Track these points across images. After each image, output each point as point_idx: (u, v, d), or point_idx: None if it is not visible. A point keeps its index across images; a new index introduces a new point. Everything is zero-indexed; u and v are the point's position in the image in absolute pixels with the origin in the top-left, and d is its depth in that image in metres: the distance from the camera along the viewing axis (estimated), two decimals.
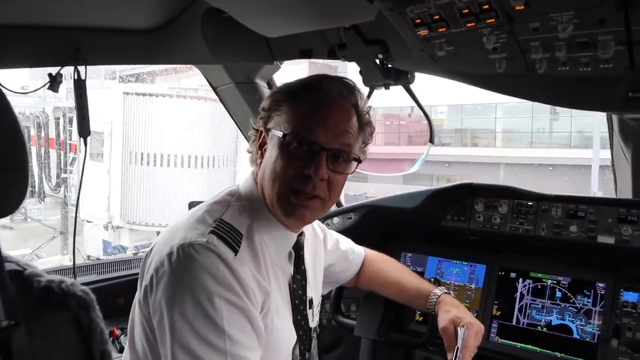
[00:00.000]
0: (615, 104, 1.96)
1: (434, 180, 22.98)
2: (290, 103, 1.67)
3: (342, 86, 1.71)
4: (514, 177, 21.81)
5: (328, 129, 1.62)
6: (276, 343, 1.66)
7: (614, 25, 1.55)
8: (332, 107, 1.66)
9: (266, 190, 1.67)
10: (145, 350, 1.59)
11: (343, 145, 1.66)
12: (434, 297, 2.15)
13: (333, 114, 1.65)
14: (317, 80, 1.72)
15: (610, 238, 2.43)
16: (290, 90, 1.71)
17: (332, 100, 1.67)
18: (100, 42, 2.19)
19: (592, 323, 2.51)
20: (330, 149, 1.62)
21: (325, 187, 1.64)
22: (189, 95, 12.56)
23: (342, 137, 1.65)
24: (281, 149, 1.62)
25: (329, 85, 1.69)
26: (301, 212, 1.65)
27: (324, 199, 1.66)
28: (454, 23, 1.74)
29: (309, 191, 1.61)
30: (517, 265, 2.77)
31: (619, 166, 2.80)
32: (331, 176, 1.64)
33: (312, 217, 1.73)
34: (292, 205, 1.63)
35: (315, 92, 1.68)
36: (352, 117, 1.69)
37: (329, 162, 1.62)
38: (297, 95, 1.68)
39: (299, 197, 1.62)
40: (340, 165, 1.67)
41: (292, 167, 1.61)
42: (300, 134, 1.61)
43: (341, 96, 1.69)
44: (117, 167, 12.63)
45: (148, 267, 1.56)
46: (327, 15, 1.82)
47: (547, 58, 1.77)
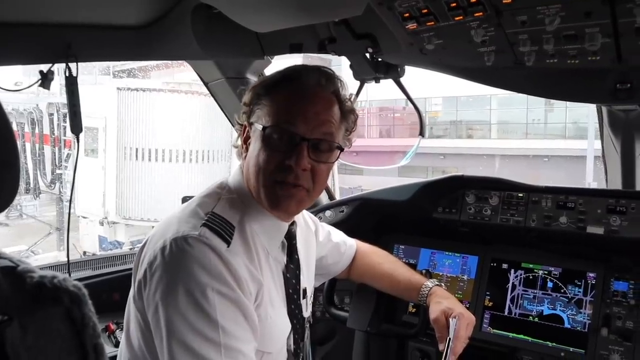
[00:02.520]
0: (603, 95, 1.98)
1: (429, 172, 23.00)
2: (270, 96, 1.68)
3: (320, 75, 1.70)
4: (509, 169, 21.86)
5: (308, 120, 1.63)
6: (270, 333, 1.68)
7: (601, 17, 1.57)
8: (312, 97, 1.66)
9: (252, 183, 1.68)
10: (141, 343, 1.60)
11: (324, 134, 1.66)
12: (425, 289, 2.17)
13: (313, 104, 1.65)
14: (295, 71, 1.72)
15: (600, 228, 2.45)
16: (269, 83, 1.71)
17: (311, 90, 1.67)
18: (91, 38, 2.19)
19: (582, 312, 2.55)
20: (310, 139, 1.63)
21: (309, 177, 1.65)
22: (183, 90, 12.52)
23: (322, 126, 1.65)
24: (263, 141, 1.64)
25: (308, 75, 1.69)
26: (286, 203, 1.67)
27: (309, 189, 1.67)
28: (442, 16, 1.75)
29: (291, 180, 1.62)
30: (508, 256, 2.80)
31: (609, 157, 2.82)
32: (314, 166, 1.65)
33: (299, 207, 1.74)
34: (277, 196, 1.64)
35: (293, 83, 1.68)
36: (332, 106, 1.70)
37: (310, 152, 1.63)
38: (276, 88, 1.69)
39: (283, 188, 1.63)
40: (322, 154, 1.68)
41: (274, 159, 1.62)
42: (280, 125, 1.62)
43: (320, 85, 1.69)
44: (112, 162, 12.58)
45: (142, 262, 1.58)
46: (316, 10, 1.83)
47: (536, 51, 1.79)
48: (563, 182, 2.71)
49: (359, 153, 15.84)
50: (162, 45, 2.26)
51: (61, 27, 2.12)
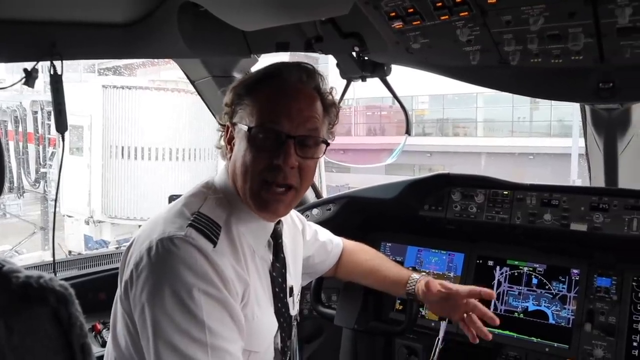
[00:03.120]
0: (586, 94, 2.01)
1: (416, 170, 23.10)
2: (252, 95, 1.67)
3: (301, 71, 1.70)
4: (495, 166, 22.03)
5: (292, 117, 1.63)
6: (257, 332, 1.68)
7: (584, 18, 1.60)
8: (294, 94, 1.66)
9: (238, 184, 1.68)
10: (128, 344, 1.60)
11: (309, 130, 1.66)
12: (412, 281, 2.18)
13: (296, 101, 1.65)
14: (275, 68, 1.72)
15: (583, 225, 2.49)
16: (250, 83, 1.71)
17: (293, 87, 1.67)
18: (76, 36, 2.17)
19: (567, 308, 2.58)
20: (296, 137, 1.63)
21: (297, 175, 1.66)
22: (169, 88, 12.45)
23: (307, 122, 1.66)
24: (249, 142, 1.63)
25: (288, 72, 1.69)
26: (274, 207, 1.67)
27: (297, 188, 1.68)
28: (428, 16, 1.77)
29: (281, 181, 1.62)
30: (494, 253, 2.83)
31: (593, 155, 2.86)
32: (301, 162, 1.65)
33: (286, 209, 1.75)
34: (265, 199, 1.64)
35: (275, 81, 1.68)
36: (315, 101, 1.70)
37: (297, 149, 1.63)
38: (258, 86, 1.68)
39: (271, 191, 1.63)
40: (309, 150, 1.68)
41: (261, 159, 1.62)
42: (265, 125, 1.62)
43: (301, 82, 1.69)
44: (98, 161, 12.48)
45: (128, 262, 1.58)
46: (303, 8, 1.83)
47: (520, 50, 1.82)
48: (548, 180, 2.75)
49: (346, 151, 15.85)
50: (149, 43, 2.25)
51: (46, 25, 2.10)
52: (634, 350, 2.38)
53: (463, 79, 2.19)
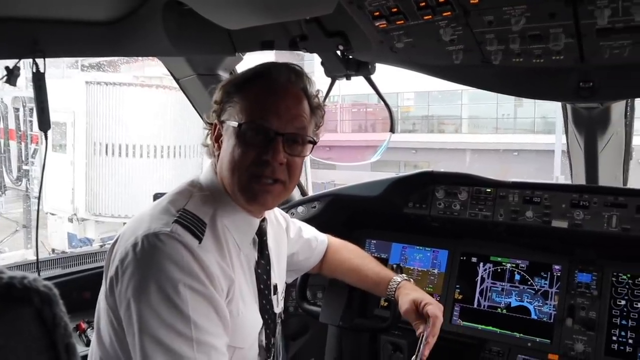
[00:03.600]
0: (567, 94, 2.04)
1: (401, 166, 23.22)
2: (241, 93, 1.70)
3: (290, 72, 1.74)
4: (480, 163, 22.20)
5: (280, 115, 1.67)
6: (242, 328, 1.69)
7: (564, 18, 1.62)
8: (282, 93, 1.70)
9: (226, 180, 1.70)
10: (113, 341, 1.60)
11: (297, 129, 1.70)
12: (394, 283, 2.20)
13: (284, 99, 1.69)
14: (265, 68, 1.75)
15: (564, 222, 2.53)
16: (239, 81, 1.74)
17: (282, 87, 1.71)
18: (59, 34, 2.13)
19: (548, 304, 2.63)
20: (285, 134, 1.67)
21: (285, 171, 1.69)
22: (154, 84, 12.36)
23: (295, 121, 1.70)
24: (238, 138, 1.65)
25: (278, 72, 1.73)
26: (263, 198, 1.69)
27: (285, 182, 1.71)
28: (412, 15, 1.78)
29: (268, 174, 1.65)
30: (477, 250, 2.87)
31: (574, 153, 2.90)
32: (289, 159, 1.68)
33: (275, 201, 1.77)
34: (254, 191, 1.67)
35: (264, 80, 1.71)
36: (302, 102, 1.74)
37: (285, 146, 1.67)
38: (247, 85, 1.71)
39: (260, 183, 1.66)
40: (297, 148, 1.72)
41: (250, 155, 1.65)
42: (255, 122, 1.65)
43: (290, 82, 1.73)
44: (81, 158, 12.35)
45: (113, 259, 1.58)
46: (287, 8, 1.83)
47: (502, 50, 1.84)
48: (532, 176, 2.80)
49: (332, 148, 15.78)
50: (133, 41, 2.23)
51: (28, 22, 2.06)
52: (613, 344, 2.43)
53: (446, 77, 2.21)
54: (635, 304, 2.45)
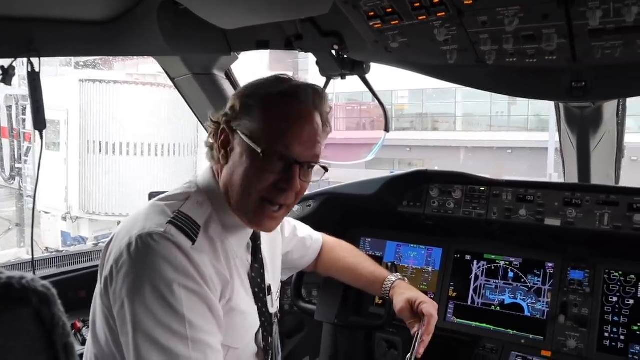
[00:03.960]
0: (560, 93, 2.06)
1: (396, 164, 23.23)
2: (264, 111, 1.65)
3: (315, 95, 1.71)
4: (474, 160, 22.27)
5: (303, 143, 1.65)
6: (237, 329, 1.70)
7: (557, 19, 1.64)
8: (306, 119, 1.67)
9: (234, 195, 1.68)
10: (108, 340, 1.61)
11: (313, 157, 1.69)
12: (388, 283, 2.22)
13: (307, 127, 1.66)
14: (292, 89, 1.70)
15: (557, 220, 2.56)
16: (263, 97, 1.68)
17: (307, 112, 1.68)
18: (54, 33, 2.13)
19: (541, 301, 2.66)
20: (303, 163, 1.66)
21: (294, 195, 1.70)
22: (148, 82, 12.31)
23: (313, 149, 1.68)
24: (256, 161, 1.62)
25: (304, 95, 1.69)
26: (268, 225, 1.73)
27: (290, 206, 1.73)
28: (406, 16, 1.80)
29: (281, 202, 1.67)
30: (471, 247, 2.89)
31: (567, 151, 2.93)
32: (301, 185, 1.69)
33: (278, 225, 1.82)
34: (261, 218, 1.68)
35: (290, 101, 1.67)
36: (320, 127, 1.71)
37: (301, 174, 1.66)
38: (272, 104, 1.66)
39: (267, 209, 1.67)
40: (310, 175, 1.73)
41: (266, 180, 1.63)
42: (277, 149, 1.61)
43: (314, 106, 1.70)
44: (75, 156, 12.30)
45: (108, 258, 1.58)
46: (283, 7, 1.84)
47: (496, 50, 1.86)
48: (526, 173, 2.83)
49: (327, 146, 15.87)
50: (128, 40, 2.23)
51: (23, 22, 2.06)
52: (605, 340, 2.46)
53: (441, 77, 2.23)
54: (627, 301, 2.48)
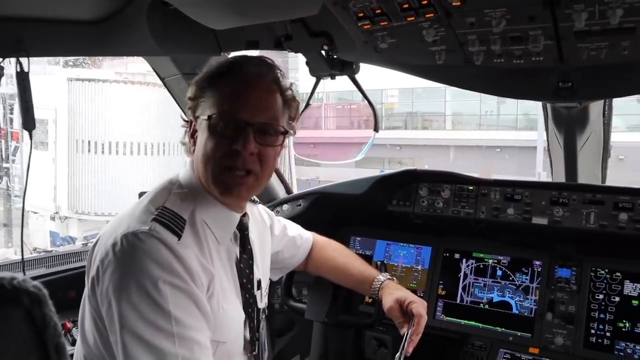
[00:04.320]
0: (547, 93, 2.09)
1: (386, 163, 23.30)
2: (213, 88, 1.71)
3: (261, 65, 1.75)
4: (463, 159, 22.36)
5: (251, 106, 1.67)
6: (224, 323, 1.71)
7: (543, 21, 1.66)
8: (253, 85, 1.71)
9: (201, 174, 1.71)
10: (97, 340, 1.61)
11: (268, 119, 1.71)
12: (377, 282, 2.24)
13: (255, 91, 1.70)
14: (236, 62, 1.76)
15: (544, 219, 2.59)
16: (211, 76, 1.74)
17: (253, 79, 1.71)
18: (43, 33, 2.11)
19: (529, 299, 2.69)
20: (255, 124, 1.67)
21: (257, 161, 1.69)
22: (137, 81, 12.27)
23: (266, 111, 1.70)
24: (209, 131, 1.67)
25: (248, 66, 1.74)
26: (237, 190, 1.70)
27: (257, 174, 1.71)
28: (395, 17, 1.81)
29: (240, 164, 1.66)
30: (460, 246, 2.92)
31: (554, 151, 2.96)
32: (261, 150, 1.69)
33: (249, 193, 1.79)
34: (227, 183, 1.68)
35: (235, 73, 1.72)
36: (274, 93, 1.75)
37: (256, 136, 1.67)
38: (219, 79, 1.72)
39: (232, 175, 1.67)
40: (268, 138, 1.72)
41: (221, 146, 1.65)
42: (225, 113, 1.66)
43: (261, 74, 1.74)
44: (63, 155, 12.24)
45: (94, 259, 1.59)
46: (272, 8, 1.84)
47: (484, 51, 1.87)
48: (515, 172, 2.86)
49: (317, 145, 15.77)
50: (118, 41, 2.22)
51: (12, 21, 2.04)
52: (591, 337, 2.50)
53: (430, 77, 2.25)
54: (613, 298, 2.51)
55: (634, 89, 2.11)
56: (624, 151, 17.47)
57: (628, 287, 2.51)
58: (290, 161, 7.31)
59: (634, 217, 2.43)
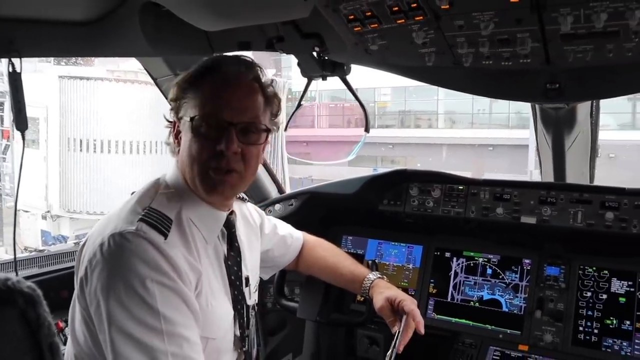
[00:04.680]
0: (535, 95, 2.12)
1: (379, 161, 23.35)
2: (194, 88, 1.73)
3: (240, 64, 1.78)
4: (456, 158, 22.43)
5: (233, 106, 1.70)
6: (212, 320, 1.73)
7: (530, 24, 1.68)
8: (234, 84, 1.73)
9: (187, 174, 1.74)
10: (87, 339, 1.62)
11: (250, 118, 1.74)
12: (367, 281, 2.27)
13: (235, 91, 1.73)
14: (215, 62, 1.79)
15: (532, 218, 2.63)
16: (192, 77, 1.76)
17: (233, 79, 1.74)
18: (36, 34, 2.11)
19: (519, 296, 2.73)
20: (237, 124, 1.70)
21: (240, 161, 1.72)
22: (129, 79, 12.22)
23: (247, 111, 1.73)
24: (192, 132, 1.69)
25: (228, 65, 1.77)
26: (221, 188, 1.73)
27: (241, 172, 1.74)
28: (385, 19, 1.83)
29: (224, 165, 1.69)
30: (451, 245, 2.95)
31: (543, 151, 3.00)
32: (244, 149, 1.72)
33: (234, 191, 1.81)
34: (212, 182, 1.71)
35: (215, 73, 1.74)
36: (255, 92, 1.77)
37: (239, 135, 1.70)
38: (199, 80, 1.74)
39: (216, 174, 1.70)
40: (251, 137, 1.75)
41: (205, 147, 1.68)
42: (207, 114, 1.68)
43: (240, 73, 1.76)
44: (55, 153, 12.18)
45: (82, 259, 1.61)
46: (264, 11, 1.86)
47: (472, 53, 1.89)
48: (507, 170, 2.89)
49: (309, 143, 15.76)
50: (110, 41, 2.22)
51: (4, 22, 2.04)
52: (579, 334, 2.54)
53: (419, 78, 2.27)
54: (600, 296, 2.56)
55: (619, 91, 2.14)
56: (615, 149, 17.61)
57: (615, 285, 2.55)
58: (282, 160, 7.31)
59: (620, 216, 2.47)
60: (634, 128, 21.15)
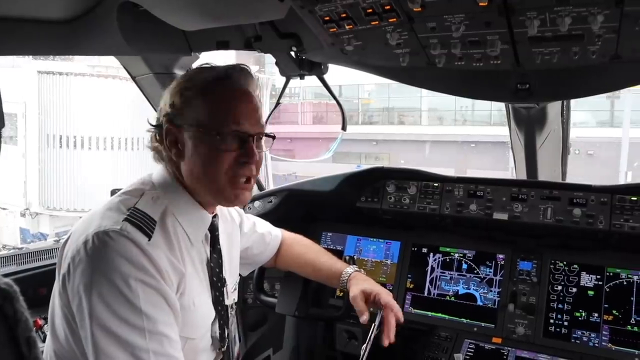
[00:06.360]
0: (506, 95, 2.18)
1: (362, 158, 23.40)
2: (205, 98, 1.75)
3: (246, 75, 1.84)
4: (439, 154, 22.57)
5: (250, 117, 1.78)
6: (193, 320, 1.76)
7: (499, 27, 1.74)
8: (245, 96, 1.80)
9: (203, 186, 1.78)
10: (67, 336, 1.64)
11: (262, 127, 1.84)
12: (345, 275, 2.31)
13: (247, 102, 1.80)
14: (223, 72, 1.81)
15: (504, 214, 2.70)
16: (199, 85, 1.77)
17: (243, 90, 1.81)
18: (12, 32, 2.10)
19: (493, 291, 2.79)
20: (255, 134, 1.79)
21: (255, 166, 1.81)
22: (111, 75, 12.08)
23: (259, 121, 1.83)
24: (213, 145, 1.72)
25: (236, 76, 1.81)
26: (243, 197, 1.82)
27: (254, 177, 1.84)
28: (360, 21, 1.87)
29: (248, 174, 1.78)
30: (428, 241, 3.02)
31: (516, 149, 3.07)
32: (259, 155, 1.82)
33: (251, 196, 1.90)
34: (235, 193, 1.78)
35: (224, 84, 1.79)
36: (258, 101, 1.85)
37: (256, 145, 1.79)
38: (209, 89, 1.76)
39: (237, 184, 1.77)
40: (262, 146, 1.85)
41: (228, 159, 1.74)
42: (231, 128, 1.73)
43: (246, 84, 1.83)
44: (34, 150, 12.01)
45: (65, 256, 1.62)
46: (240, 11, 1.89)
47: (445, 54, 1.95)
48: (490, 167, 2.95)
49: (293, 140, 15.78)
50: (88, 40, 2.23)
51: None
52: (550, 326, 2.61)
53: (395, 78, 2.32)
54: (570, 289, 2.63)
55: (587, 91, 2.21)
56: (593, 147, 17.88)
57: (584, 279, 2.63)
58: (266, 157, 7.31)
59: (587, 212, 2.56)
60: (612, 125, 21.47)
